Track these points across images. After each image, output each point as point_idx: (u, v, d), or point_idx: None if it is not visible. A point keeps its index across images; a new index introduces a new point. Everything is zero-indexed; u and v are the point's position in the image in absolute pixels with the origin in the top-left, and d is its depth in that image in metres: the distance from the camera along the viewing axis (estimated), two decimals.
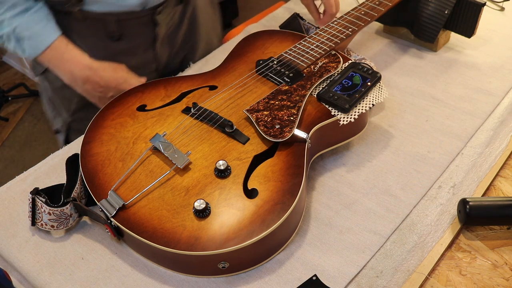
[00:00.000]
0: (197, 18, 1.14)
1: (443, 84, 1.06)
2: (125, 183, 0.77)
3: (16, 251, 0.78)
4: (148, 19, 1.01)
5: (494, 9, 1.28)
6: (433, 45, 1.14)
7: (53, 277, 0.75)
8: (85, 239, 0.80)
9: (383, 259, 0.77)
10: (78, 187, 0.79)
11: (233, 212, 0.72)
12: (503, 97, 1.02)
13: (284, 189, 0.74)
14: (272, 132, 0.80)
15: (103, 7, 0.96)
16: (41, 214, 0.77)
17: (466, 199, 0.79)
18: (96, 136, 0.84)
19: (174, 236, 0.70)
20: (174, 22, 1.08)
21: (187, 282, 0.74)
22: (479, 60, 1.12)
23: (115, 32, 1.00)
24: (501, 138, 0.94)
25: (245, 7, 2.86)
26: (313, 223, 0.81)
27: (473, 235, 0.81)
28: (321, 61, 0.93)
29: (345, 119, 0.84)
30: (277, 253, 0.77)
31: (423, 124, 0.97)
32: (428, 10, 1.09)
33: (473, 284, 0.74)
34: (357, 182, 0.87)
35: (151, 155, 0.80)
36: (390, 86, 1.06)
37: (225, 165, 0.76)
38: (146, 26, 1.02)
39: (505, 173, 0.90)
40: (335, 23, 1.01)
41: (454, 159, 0.91)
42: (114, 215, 0.73)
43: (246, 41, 1.03)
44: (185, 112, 0.86)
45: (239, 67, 0.96)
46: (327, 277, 0.74)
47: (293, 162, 0.78)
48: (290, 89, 0.87)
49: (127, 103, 0.89)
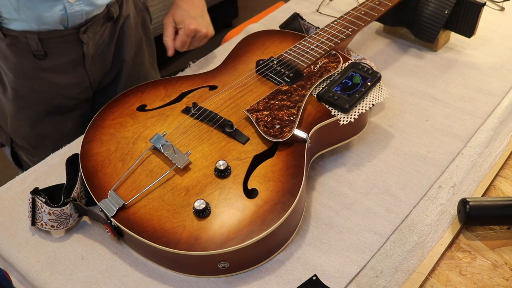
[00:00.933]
0: (127, 35, 1.08)
1: (443, 84, 1.06)
2: (125, 183, 0.77)
3: (16, 251, 0.78)
4: (73, 38, 0.96)
5: (494, 9, 1.28)
6: (433, 45, 1.14)
7: (53, 277, 0.75)
8: (85, 239, 0.80)
9: (383, 259, 0.76)
10: (78, 187, 0.79)
11: (233, 212, 0.72)
12: (503, 97, 1.02)
13: (284, 189, 0.74)
14: (272, 132, 0.80)
15: (22, 26, 0.92)
16: (41, 214, 0.77)
17: (466, 199, 0.79)
18: (96, 136, 0.84)
19: (174, 236, 0.70)
20: (104, 40, 1.03)
21: (187, 282, 0.74)
22: (479, 60, 1.12)
23: (39, 50, 0.95)
24: (501, 138, 0.94)
25: (245, 7, 2.86)
26: (313, 223, 0.81)
27: (473, 235, 0.81)
28: (321, 61, 0.93)
29: (345, 119, 0.84)
30: (277, 253, 0.77)
31: (423, 124, 0.97)
32: (428, 10, 1.09)
33: (473, 284, 0.74)
34: (357, 182, 0.87)
35: (151, 155, 0.80)
36: (390, 86, 1.06)
37: (225, 165, 0.76)
38: (72, 45, 0.97)
39: (505, 173, 0.90)
40: (335, 23, 1.01)
41: (454, 159, 0.91)
42: (114, 215, 0.73)
43: (246, 41, 1.03)
44: (185, 112, 0.86)
45: (239, 67, 0.96)
46: (327, 277, 0.74)
47: (293, 162, 0.78)
48: (290, 89, 0.87)
49: (127, 103, 0.89)
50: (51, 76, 1.00)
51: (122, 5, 1.05)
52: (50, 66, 0.99)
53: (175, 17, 1.09)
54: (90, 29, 0.98)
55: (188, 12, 1.08)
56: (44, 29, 0.93)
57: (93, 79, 1.06)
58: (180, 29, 1.08)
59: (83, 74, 1.03)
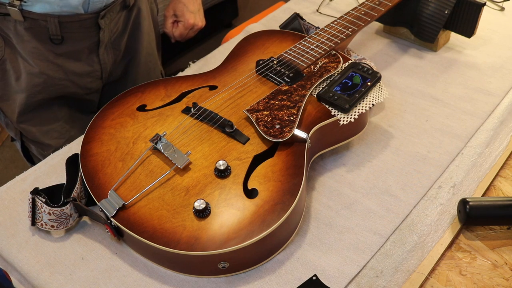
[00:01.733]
0: (141, 25, 1.12)
1: (443, 84, 1.06)
2: (125, 183, 0.77)
3: (16, 251, 0.78)
4: (91, 23, 0.99)
5: (494, 9, 1.28)
6: (433, 45, 1.14)
7: (53, 277, 0.75)
8: (85, 239, 0.80)
9: (383, 259, 0.77)
10: (78, 187, 0.79)
11: (233, 212, 0.72)
12: (503, 97, 1.02)
13: (284, 189, 0.74)
14: (272, 132, 0.80)
15: (44, 8, 0.93)
16: (41, 214, 0.77)
17: (466, 199, 0.79)
18: (96, 136, 0.84)
19: (174, 236, 0.70)
20: (118, 28, 1.06)
21: (187, 282, 0.74)
22: (479, 60, 1.12)
23: (57, 35, 0.97)
24: (501, 138, 0.94)
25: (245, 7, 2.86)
26: (313, 223, 0.81)
27: (473, 235, 0.81)
28: (321, 61, 0.93)
29: (345, 119, 0.84)
30: (277, 253, 0.77)
31: (423, 124, 0.97)
32: (428, 10, 1.09)
33: (473, 284, 0.74)
34: (357, 182, 0.87)
35: (151, 155, 0.80)
36: (390, 86, 1.06)
37: (225, 165, 0.76)
38: (89, 30, 1.00)
39: (505, 173, 0.90)
40: (335, 23, 1.01)
41: (454, 159, 0.91)
42: (114, 215, 0.73)
43: (246, 41, 1.03)
44: (185, 112, 0.86)
45: (239, 67, 0.96)
46: (327, 277, 0.74)
47: (293, 162, 0.78)
48: (290, 89, 0.87)
49: (127, 103, 0.89)
50: (65, 62, 1.02)
51: None
52: (65, 52, 1.01)
53: (176, 11, 1.19)
54: (107, 15, 1.01)
55: (188, 6, 1.19)
56: (66, 11, 0.95)
57: (105, 68, 1.09)
58: (179, 22, 1.20)
59: (96, 62, 1.06)
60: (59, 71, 1.02)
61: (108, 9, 1.00)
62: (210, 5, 2.38)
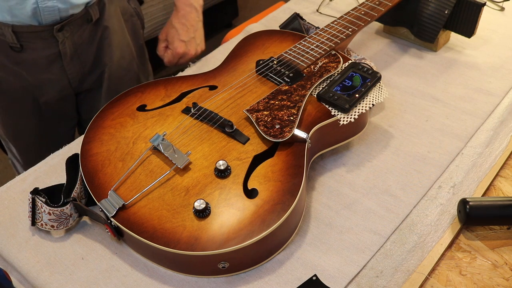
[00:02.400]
0: (110, 40, 1.09)
1: (443, 84, 1.06)
2: (125, 183, 0.77)
3: (16, 251, 0.78)
4: (48, 35, 0.98)
5: (494, 9, 1.28)
6: (433, 45, 1.14)
7: (53, 277, 0.75)
8: (85, 239, 0.80)
9: (383, 259, 0.77)
10: (78, 187, 0.79)
11: (233, 212, 0.72)
12: (503, 97, 1.02)
13: (284, 189, 0.74)
14: (272, 132, 0.80)
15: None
16: (41, 214, 0.77)
17: (466, 199, 0.79)
18: (96, 136, 0.84)
19: (174, 236, 0.70)
20: (84, 41, 1.05)
21: (187, 282, 0.74)
22: (479, 60, 1.12)
23: (14, 43, 0.97)
24: (501, 138, 0.94)
25: (245, 7, 2.86)
26: (313, 223, 0.81)
27: (473, 235, 0.81)
28: (321, 61, 0.93)
29: (345, 119, 0.84)
30: (277, 253, 0.77)
31: (423, 124, 0.97)
32: (428, 10, 1.09)
33: (473, 284, 0.74)
34: (357, 182, 0.87)
35: (151, 155, 0.80)
36: (390, 86, 1.06)
37: (225, 165, 0.76)
38: (47, 41, 0.99)
39: (505, 173, 0.90)
40: (335, 23, 1.01)
41: (454, 159, 0.91)
42: (114, 215, 0.73)
43: (246, 41, 1.03)
44: (185, 112, 0.86)
45: (239, 67, 0.96)
46: (327, 277, 0.74)
47: (293, 162, 0.78)
48: (290, 89, 0.87)
49: (127, 103, 0.89)
50: (28, 70, 1.01)
51: (103, 9, 1.06)
52: (26, 60, 1.00)
53: (168, 36, 1.14)
54: (66, 28, 0.99)
55: (180, 34, 1.12)
56: (18, 22, 0.94)
57: (72, 78, 1.08)
58: (169, 50, 1.15)
59: (61, 71, 1.05)
60: (23, 80, 1.02)
61: (67, 22, 0.98)
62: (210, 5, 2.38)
